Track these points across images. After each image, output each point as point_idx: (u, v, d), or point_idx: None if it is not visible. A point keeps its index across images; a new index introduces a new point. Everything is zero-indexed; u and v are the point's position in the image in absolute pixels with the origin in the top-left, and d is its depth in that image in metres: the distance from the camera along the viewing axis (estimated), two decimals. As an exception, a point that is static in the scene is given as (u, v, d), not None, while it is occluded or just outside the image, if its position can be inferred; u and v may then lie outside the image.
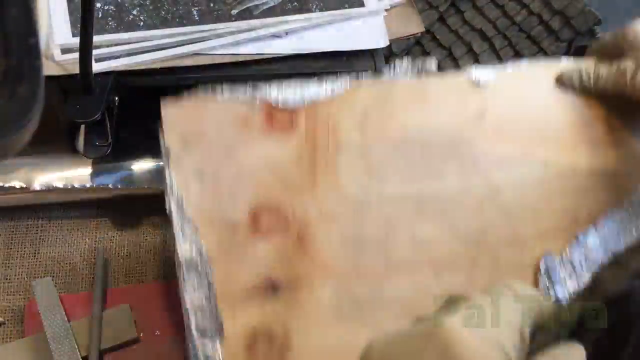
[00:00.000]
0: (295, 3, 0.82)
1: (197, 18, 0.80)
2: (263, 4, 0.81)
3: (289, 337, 0.62)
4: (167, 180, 0.64)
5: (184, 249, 0.62)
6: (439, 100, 0.68)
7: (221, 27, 0.77)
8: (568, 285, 0.68)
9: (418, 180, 0.65)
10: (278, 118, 0.67)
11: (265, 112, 0.67)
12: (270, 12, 0.81)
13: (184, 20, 0.79)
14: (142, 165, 0.79)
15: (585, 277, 0.69)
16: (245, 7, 0.81)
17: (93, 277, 0.76)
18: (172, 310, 0.70)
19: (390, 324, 0.58)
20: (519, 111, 0.69)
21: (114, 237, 0.81)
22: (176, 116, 0.65)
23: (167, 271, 0.78)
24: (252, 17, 0.80)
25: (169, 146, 0.64)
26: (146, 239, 0.81)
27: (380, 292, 0.64)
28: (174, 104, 0.65)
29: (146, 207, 0.72)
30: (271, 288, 0.63)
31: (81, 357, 0.69)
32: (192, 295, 0.61)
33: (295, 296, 0.63)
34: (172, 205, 0.63)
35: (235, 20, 0.80)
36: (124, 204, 0.81)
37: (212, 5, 0.81)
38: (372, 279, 0.64)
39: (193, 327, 0.61)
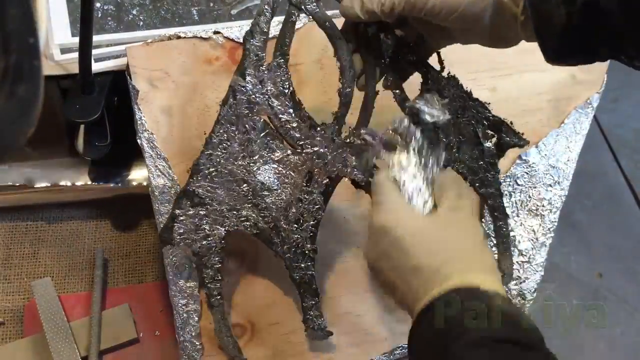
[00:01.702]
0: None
1: (197, 18, 0.80)
2: (263, 3, 0.81)
3: (259, 254, 0.70)
4: (137, 119, 0.68)
5: (158, 182, 0.68)
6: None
7: (221, 27, 0.77)
8: (512, 199, 0.77)
9: None
10: (240, 54, 0.70)
11: (228, 50, 0.69)
12: (270, 12, 0.81)
13: (183, 20, 0.79)
14: (141, 166, 0.79)
15: (529, 191, 0.79)
16: (245, 7, 0.81)
17: (93, 277, 0.76)
18: (172, 311, 0.70)
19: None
20: None
21: (113, 237, 0.81)
22: (142, 59, 0.68)
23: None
24: (252, 17, 0.80)
25: (137, 88, 0.68)
26: (146, 239, 0.81)
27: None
28: (139, 48, 0.67)
29: (146, 207, 0.72)
30: None
31: (81, 357, 0.69)
32: None
33: None
34: (143, 142, 0.68)
35: (235, 20, 0.80)
36: (124, 204, 0.81)
37: (211, 5, 0.81)
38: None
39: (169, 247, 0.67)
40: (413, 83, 0.65)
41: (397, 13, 0.55)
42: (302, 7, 0.61)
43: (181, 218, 0.62)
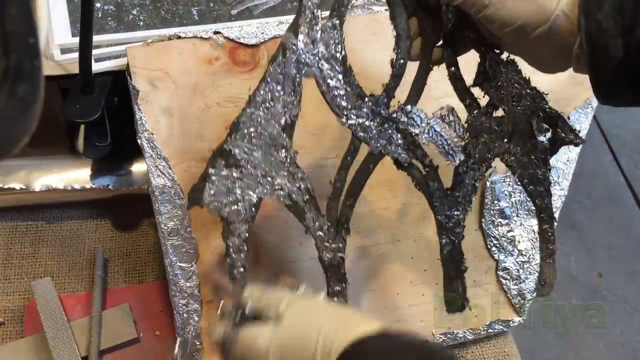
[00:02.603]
0: (295, 3, 0.82)
1: (197, 18, 0.80)
2: (263, 3, 0.81)
3: (258, 253, 0.69)
4: (138, 119, 0.68)
5: (158, 182, 0.68)
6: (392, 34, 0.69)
7: (221, 27, 0.77)
8: (512, 199, 0.76)
9: None
10: (241, 55, 0.69)
11: (228, 50, 0.69)
12: (270, 12, 0.81)
13: (183, 20, 0.79)
14: (141, 166, 0.79)
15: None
16: (245, 7, 0.81)
17: (93, 277, 0.76)
18: (172, 311, 0.70)
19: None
20: None
21: (113, 237, 0.81)
22: (143, 59, 0.68)
23: (167, 271, 0.78)
24: (252, 17, 0.80)
25: (137, 88, 0.68)
26: (146, 239, 0.81)
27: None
28: (140, 48, 0.67)
29: (146, 207, 0.72)
30: None
31: (81, 357, 0.69)
32: (167, 224, 0.68)
33: (263, 214, 0.67)
34: (143, 142, 0.68)
35: (235, 20, 0.80)
36: (124, 204, 0.81)
37: (212, 5, 0.81)
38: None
39: (169, 247, 0.68)
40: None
41: (454, 3, 0.54)
42: None
43: (213, 178, 0.58)
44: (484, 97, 0.64)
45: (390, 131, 0.60)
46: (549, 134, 0.64)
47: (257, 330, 0.52)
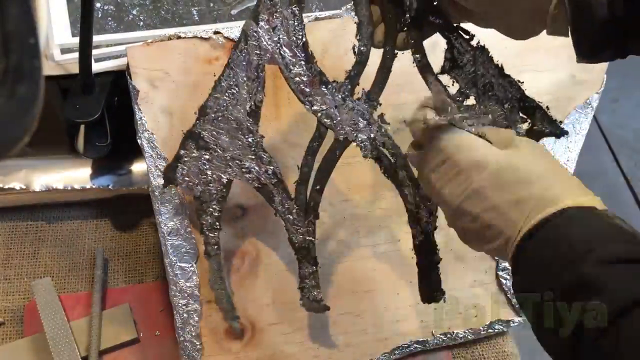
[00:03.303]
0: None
1: (197, 18, 0.80)
2: (263, 4, 0.81)
3: (259, 254, 0.71)
4: (138, 119, 0.68)
5: (158, 182, 0.68)
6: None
7: (221, 27, 0.77)
8: None
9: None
10: None
11: (228, 50, 0.70)
12: (270, 12, 0.81)
13: (183, 20, 0.79)
14: (141, 166, 0.79)
15: None
16: (245, 7, 0.81)
17: (93, 277, 0.76)
18: (172, 310, 0.70)
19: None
20: None
21: (113, 237, 0.81)
22: (143, 59, 0.68)
23: (167, 271, 0.78)
24: (251, 17, 0.80)
25: (137, 88, 0.68)
26: (146, 239, 0.81)
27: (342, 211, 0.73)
28: (140, 48, 0.67)
29: (146, 207, 0.72)
30: (240, 210, 0.71)
31: (81, 357, 0.69)
32: (167, 224, 0.68)
33: (263, 215, 0.70)
34: (143, 141, 0.68)
35: (235, 20, 0.80)
36: (124, 204, 0.81)
37: (211, 5, 0.81)
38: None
39: (169, 247, 0.68)
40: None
41: None
42: None
43: (185, 159, 0.61)
44: (453, 85, 0.62)
45: (355, 118, 0.60)
46: (526, 125, 0.62)
47: (482, 143, 0.50)
